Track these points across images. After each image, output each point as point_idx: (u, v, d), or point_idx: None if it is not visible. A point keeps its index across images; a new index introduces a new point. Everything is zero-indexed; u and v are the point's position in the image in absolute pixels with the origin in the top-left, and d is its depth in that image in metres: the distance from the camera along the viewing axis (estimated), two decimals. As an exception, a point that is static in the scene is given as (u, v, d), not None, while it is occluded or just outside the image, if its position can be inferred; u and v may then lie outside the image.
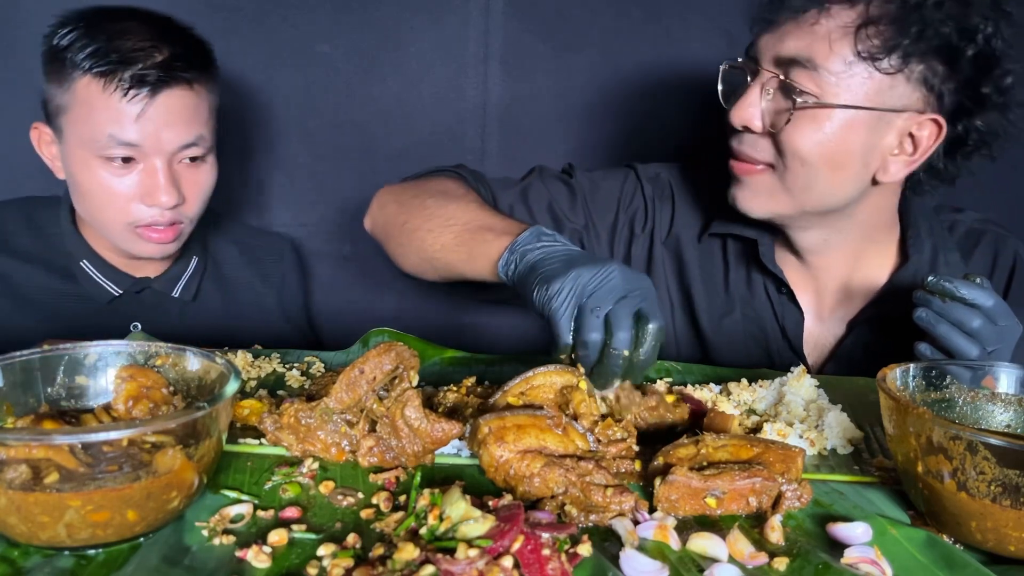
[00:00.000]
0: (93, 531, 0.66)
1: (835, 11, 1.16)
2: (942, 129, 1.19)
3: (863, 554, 0.71)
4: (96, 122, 1.31)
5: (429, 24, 1.89)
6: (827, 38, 1.15)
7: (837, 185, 1.22)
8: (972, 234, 1.38)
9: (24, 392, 0.79)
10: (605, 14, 1.92)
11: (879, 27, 1.13)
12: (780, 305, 1.40)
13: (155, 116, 1.31)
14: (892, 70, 1.14)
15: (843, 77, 1.15)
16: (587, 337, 0.91)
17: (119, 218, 1.38)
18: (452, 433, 0.83)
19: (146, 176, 1.35)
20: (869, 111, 1.16)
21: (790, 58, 1.18)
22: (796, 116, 1.17)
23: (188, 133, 1.36)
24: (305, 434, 0.86)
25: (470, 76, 1.92)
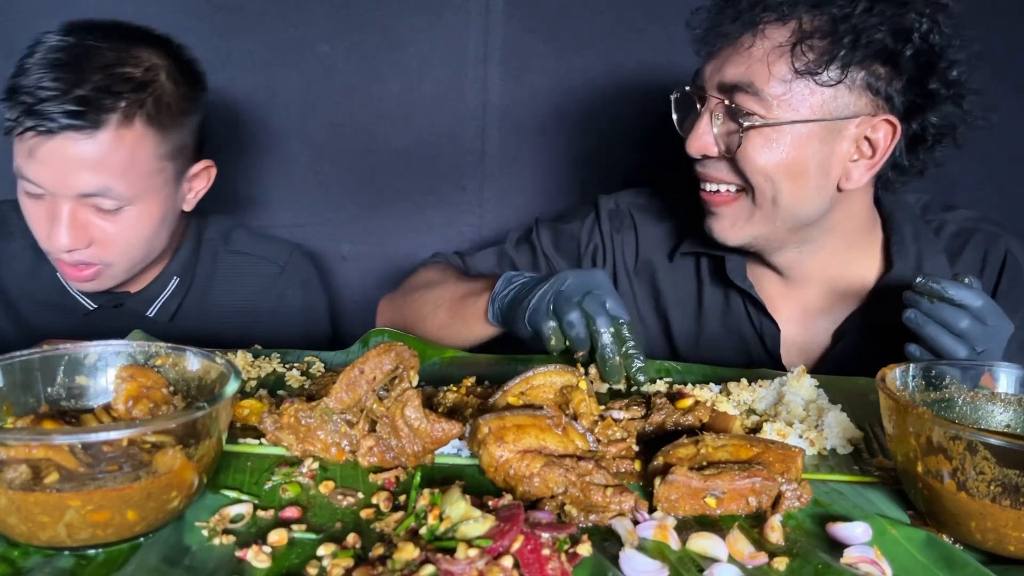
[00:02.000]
0: (93, 531, 0.66)
1: (769, 31, 1.17)
2: (897, 129, 1.19)
3: (863, 554, 0.71)
4: (15, 150, 1.28)
5: (429, 24, 1.89)
6: (764, 60, 1.17)
7: (802, 196, 1.22)
8: (961, 234, 1.36)
9: (24, 392, 0.79)
10: (605, 15, 1.93)
11: (813, 42, 1.14)
12: (757, 319, 1.39)
13: (48, 158, 1.24)
14: (832, 82, 1.15)
15: (784, 96, 1.17)
16: (570, 327, 1.06)
17: (41, 243, 1.34)
18: (452, 433, 0.83)
19: (49, 214, 1.29)
20: (818, 123, 1.17)
21: (732, 84, 1.19)
22: (746, 137, 1.18)
23: (87, 183, 1.25)
24: (305, 434, 0.86)
25: (470, 76, 1.92)
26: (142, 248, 1.38)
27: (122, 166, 1.27)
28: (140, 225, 1.34)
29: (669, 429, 0.94)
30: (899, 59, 1.14)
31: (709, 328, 1.44)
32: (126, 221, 1.32)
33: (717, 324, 1.43)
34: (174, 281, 1.52)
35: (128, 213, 1.31)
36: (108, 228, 1.31)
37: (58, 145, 1.23)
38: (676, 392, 1.06)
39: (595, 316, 1.05)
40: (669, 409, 0.96)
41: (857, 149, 1.21)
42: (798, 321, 1.39)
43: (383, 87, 1.91)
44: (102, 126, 1.24)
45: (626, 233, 1.50)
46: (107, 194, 1.27)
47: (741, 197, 1.25)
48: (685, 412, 0.96)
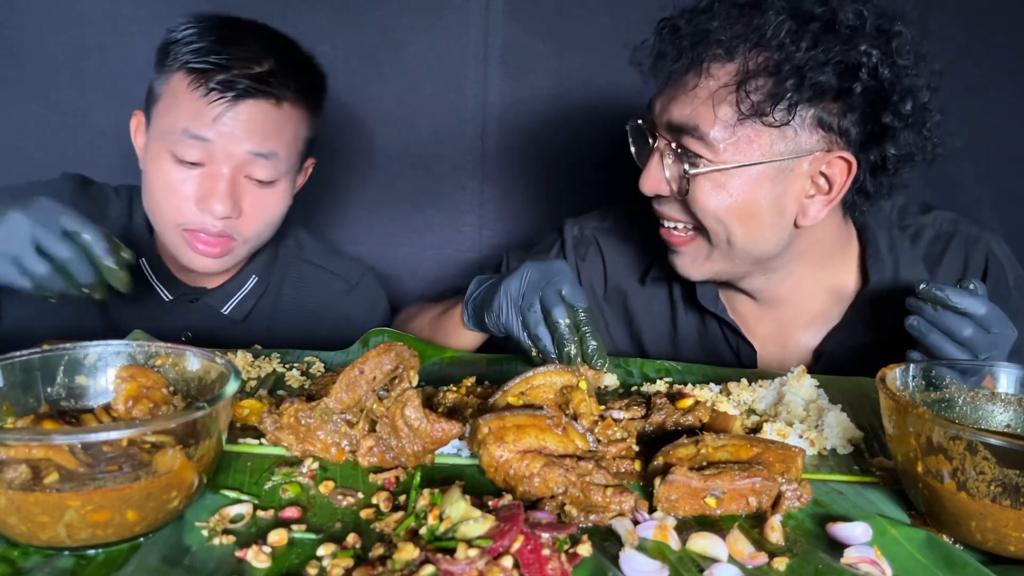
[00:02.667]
0: (93, 531, 0.66)
1: (714, 70, 1.13)
2: (852, 165, 1.14)
3: (863, 554, 0.71)
4: (176, 115, 1.31)
5: (429, 24, 1.89)
6: (709, 102, 1.12)
7: (756, 236, 1.19)
8: (940, 238, 1.32)
9: (24, 392, 0.79)
10: (605, 14, 1.92)
11: (758, 82, 1.10)
12: (734, 341, 1.37)
13: (231, 123, 1.30)
14: (779, 123, 1.11)
15: (731, 139, 1.13)
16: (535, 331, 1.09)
17: (172, 216, 1.35)
18: (452, 433, 0.83)
19: (207, 180, 1.32)
20: (768, 164, 1.13)
21: (678, 126, 1.15)
22: (694, 181, 1.15)
23: (261, 144, 1.33)
24: (305, 434, 0.86)
25: (470, 76, 1.92)
26: (272, 227, 1.44)
27: (289, 139, 1.37)
28: (279, 202, 1.41)
29: (669, 429, 0.94)
30: (849, 96, 1.10)
31: (685, 351, 1.42)
32: (272, 195, 1.39)
33: (694, 346, 1.42)
34: (252, 280, 1.54)
35: (276, 187, 1.39)
36: (257, 200, 1.37)
37: (244, 110, 1.31)
38: (676, 392, 1.06)
39: (551, 308, 1.07)
40: (669, 409, 0.96)
41: (813, 184, 1.17)
42: (776, 340, 1.36)
43: (383, 87, 1.91)
44: (284, 100, 1.34)
45: (592, 260, 1.47)
46: (272, 160, 1.35)
47: (698, 236, 1.23)
48: (685, 412, 0.96)
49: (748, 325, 1.36)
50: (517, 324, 1.12)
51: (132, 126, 1.44)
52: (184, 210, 1.34)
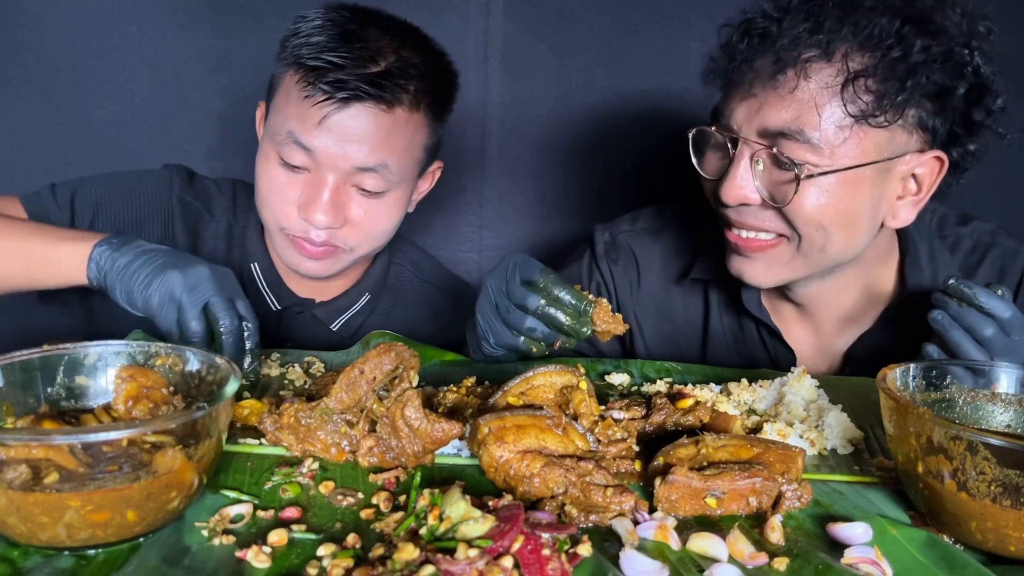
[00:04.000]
0: (93, 531, 0.66)
1: (812, 71, 1.08)
2: (944, 164, 1.14)
3: (863, 554, 0.71)
4: (285, 115, 1.24)
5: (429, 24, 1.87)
6: (812, 104, 1.08)
7: (852, 241, 1.17)
8: (977, 249, 1.32)
9: (24, 392, 0.79)
10: (605, 14, 1.92)
11: (866, 82, 1.07)
12: (772, 345, 1.37)
13: (336, 128, 1.22)
14: (887, 124, 1.09)
15: (838, 141, 1.09)
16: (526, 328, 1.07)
17: (275, 219, 1.30)
18: (452, 433, 0.83)
19: (311, 187, 1.25)
20: (871, 166, 1.11)
21: (777, 131, 1.11)
22: (801, 186, 1.10)
23: (369, 156, 1.24)
24: (305, 434, 0.86)
25: (470, 76, 1.92)
26: (382, 238, 1.36)
27: (401, 148, 1.27)
28: (391, 213, 1.33)
29: (669, 429, 0.94)
30: (952, 95, 1.09)
31: (716, 353, 1.41)
32: (382, 206, 1.31)
33: (727, 349, 1.41)
34: (365, 297, 1.48)
35: (387, 198, 1.30)
36: (364, 211, 1.29)
37: (353, 115, 1.22)
38: (676, 392, 1.06)
39: (522, 301, 1.06)
40: (669, 409, 0.96)
41: (903, 185, 1.16)
42: (811, 345, 1.36)
43: (383, 87, 1.91)
44: (397, 104, 1.24)
45: (626, 264, 1.45)
46: (381, 172, 1.26)
47: (782, 243, 1.18)
48: (685, 412, 0.96)
49: (787, 330, 1.36)
50: (510, 335, 1.09)
51: (257, 117, 1.37)
52: (288, 215, 1.28)
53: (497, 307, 1.09)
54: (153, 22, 1.84)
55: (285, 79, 1.26)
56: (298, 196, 1.26)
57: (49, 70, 1.83)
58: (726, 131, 1.17)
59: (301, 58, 1.22)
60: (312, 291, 1.44)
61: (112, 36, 1.84)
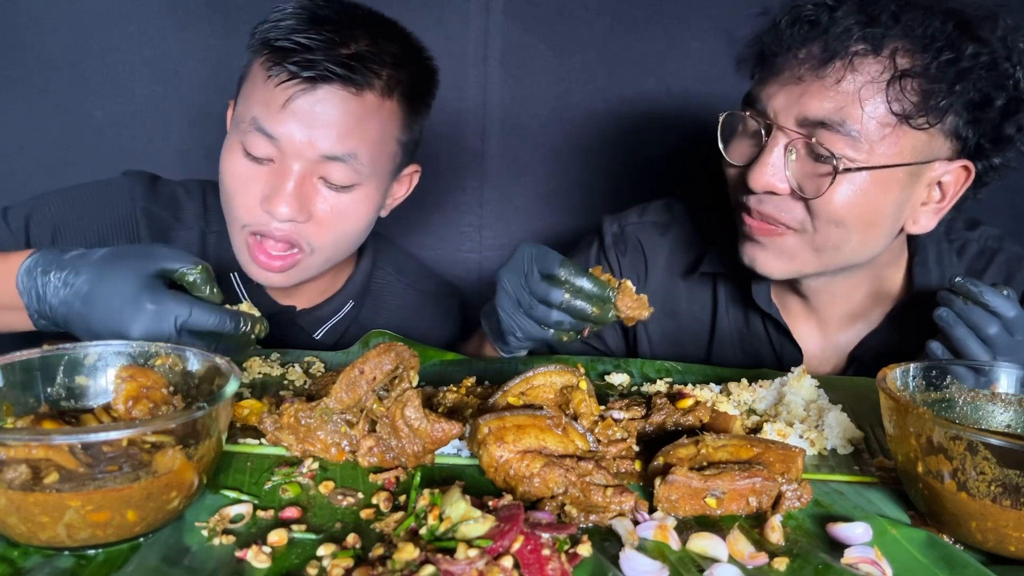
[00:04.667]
0: (93, 531, 0.66)
1: (859, 63, 1.08)
2: (970, 174, 1.14)
3: (863, 554, 0.71)
4: (250, 102, 1.18)
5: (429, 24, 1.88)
6: (856, 97, 1.07)
7: (869, 243, 1.17)
8: (984, 254, 1.32)
9: (24, 392, 0.79)
10: (605, 14, 1.92)
11: (913, 82, 1.06)
12: (778, 341, 1.37)
13: (302, 112, 1.14)
14: (928, 126, 1.08)
15: (879, 138, 1.08)
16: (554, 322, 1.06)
17: (239, 215, 1.21)
18: (452, 433, 0.83)
19: (275, 177, 1.17)
20: (905, 167, 1.11)
21: (818, 120, 1.09)
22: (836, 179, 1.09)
23: (337, 144, 1.16)
24: (305, 434, 0.86)
25: (470, 76, 1.92)
26: (348, 241, 1.28)
27: (373, 137, 1.20)
28: (360, 212, 1.24)
29: (669, 429, 0.94)
30: (991, 106, 1.09)
31: (722, 348, 1.41)
32: (350, 202, 1.22)
33: (733, 345, 1.40)
34: (349, 305, 1.42)
35: (356, 193, 1.22)
36: (330, 205, 1.20)
37: (320, 98, 1.14)
38: (676, 392, 1.06)
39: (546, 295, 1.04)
40: (669, 409, 0.96)
41: (928, 191, 1.16)
42: (817, 342, 1.36)
43: (383, 87, 1.91)
44: (368, 88, 1.17)
45: (633, 257, 1.45)
46: (349, 162, 1.18)
47: (794, 234, 1.17)
48: (685, 412, 0.96)
49: (793, 325, 1.36)
50: (538, 329, 1.09)
51: (228, 117, 1.29)
52: (250, 209, 1.19)
53: (519, 303, 1.08)
54: (153, 22, 1.84)
55: (253, 67, 1.20)
56: (261, 188, 1.18)
57: (49, 70, 1.83)
58: (761, 117, 1.15)
59: (269, 40, 1.15)
60: (293, 299, 1.38)
61: (112, 36, 1.84)
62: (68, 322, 0.97)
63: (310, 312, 1.40)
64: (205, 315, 0.95)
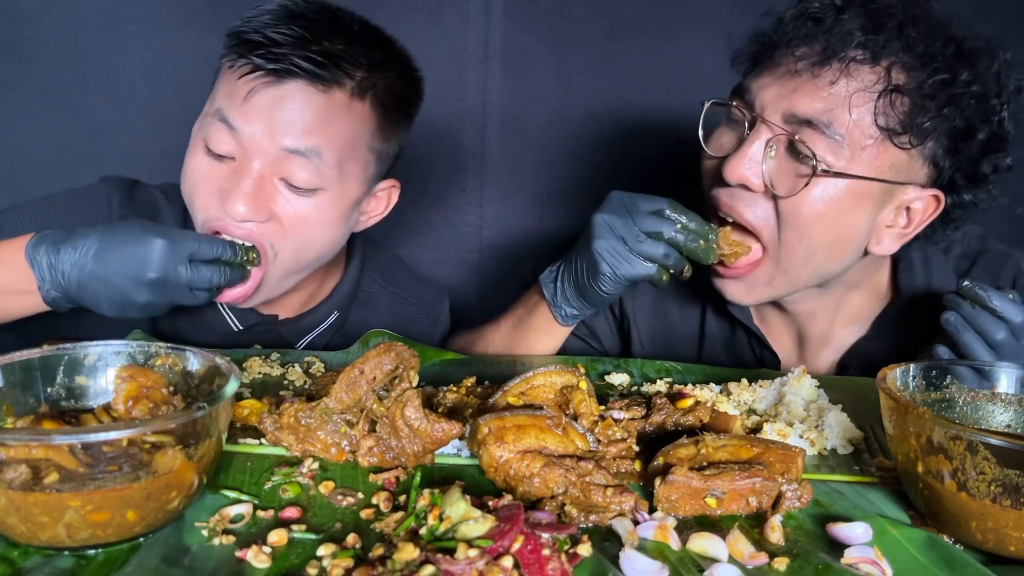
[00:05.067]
0: (93, 531, 0.66)
1: (855, 69, 1.07)
2: (940, 204, 1.13)
3: (863, 554, 0.71)
4: (216, 95, 1.16)
5: (429, 24, 1.89)
6: (847, 102, 1.07)
7: (835, 260, 1.16)
8: (968, 255, 1.30)
9: (24, 392, 0.79)
10: (605, 15, 1.93)
11: (903, 98, 1.06)
12: (759, 350, 1.36)
13: (264, 105, 1.11)
14: (909, 146, 1.07)
15: (860, 147, 1.08)
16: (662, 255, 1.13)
17: (198, 215, 1.17)
18: (452, 433, 0.83)
19: (234, 175, 1.13)
20: (881, 183, 1.10)
21: (805, 118, 1.08)
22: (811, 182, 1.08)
23: (299, 139, 1.12)
24: (305, 434, 0.86)
25: (470, 76, 1.92)
26: (313, 250, 1.21)
27: (340, 137, 1.15)
28: (323, 218, 1.18)
29: (669, 429, 0.94)
30: (972, 139, 1.08)
31: (711, 354, 1.41)
32: (313, 208, 1.16)
33: (720, 351, 1.40)
34: (334, 315, 1.39)
35: (319, 197, 1.16)
36: (292, 207, 1.15)
37: (286, 92, 1.12)
38: (676, 392, 1.06)
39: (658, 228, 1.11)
40: (669, 409, 0.96)
41: (896, 215, 1.15)
42: (799, 353, 1.35)
43: (383, 87, 1.91)
44: (337, 86, 1.14)
45: None
46: (312, 160, 1.13)
47: (762, 264, 1.16)
48: (685, 412, 0.96)
49: (775, 337, 1.35)
50: (643, 265, 1.12)
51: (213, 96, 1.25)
52: (209, 206, 1.15)
53: (624, 240, 1.12)
54: (153, 22, 1.84)
55: (222, 66, 1.17)
56: (218, 187, 1.14)
57: (48, 70, 1.83)
58: (747, 108, 1.14)
59: (240, 34, 1.14)
60: (276, 307, 1.34)
61: (112, 36, 1.84)
62: (82, 287, 1.02)
63: (293, 322, 1.36)
64: (210, 245, 1.07)
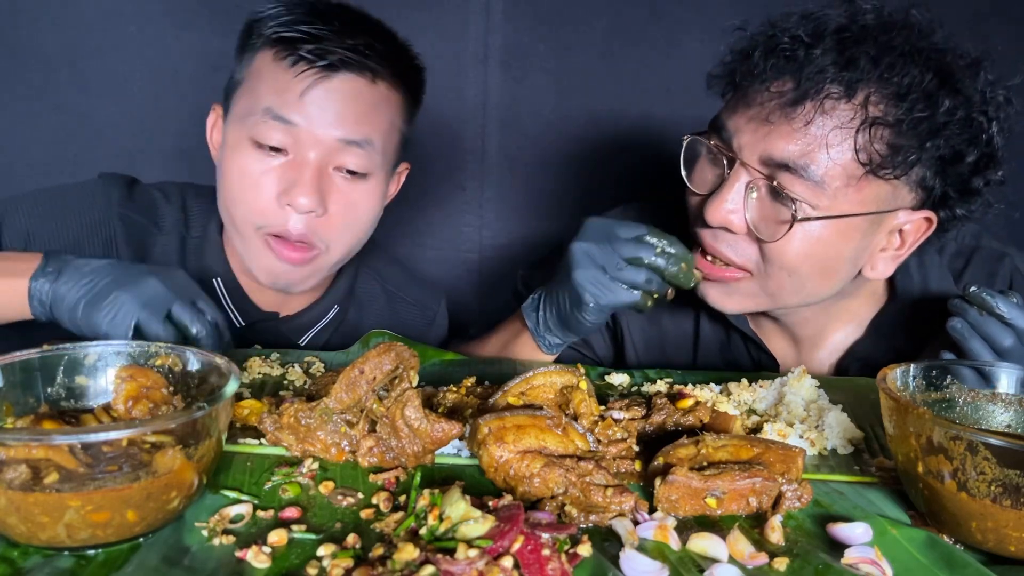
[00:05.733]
0: (93, 531, 0.66)
1: (830, 107, 1.03)
2: (932, 224, 1.12)
3: (863, 554, 0.71)
4: (259, 93, 1.16)
5: (429, 24, 1.89)
6: (824, 142, 1.04)
7: (824, 288, 1.15)
8: (962, 253, 1.29)
9: (24, 392, 0.79)
10: (605, 14, 1.93)
11: (883, 131, 1.03)
12: (756, 354, 1.34)
13: (321, 99, 1.14)
14: (894, 177, 1.05)
15: (841, 186, 1.05)
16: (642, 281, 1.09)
17: (250, 217, 1.19)
18: (452, 433, 0.83)
19: (291, 170, 1.16)
20: (867, 216, 1.08)
21: (782, 162, 1.05)
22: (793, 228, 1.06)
23: (354, 129, 1.16)
24: (305, 434, 0.86)
25: (470, 76, 1.92)
26: (359, 235, 1.27)
27: (385, 126, 1.22)
28: (371, 204, 1.25)
29: (669, 429, 0.94)
30: (961, 161, 1.06)
31: (705, 359, 1.39)
32: (363, 193, 1.22)
33: (715, 356, 1.38)
34: (334, 310, 1.40)
35: (369, 184, 1.22)
36: (344, 197, 1.20)
37: (337, 86, 1.16)
38: (676, 392, 1.06)
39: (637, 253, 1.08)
40: (669, 409, 0.96)
41: (888, 239, 1.13)
42: (796, 357, 1.34)
43: (383, 87, 1.91)
44: (379, 78, 1.19)
45: None
46: (365, 148, 1.18)
47: (748, 278, 1.14)
48: (685, 412, 0.96)
49: (769, 338, 1.34)
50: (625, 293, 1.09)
51: (209, 123, 1.28)
52: (265, 209, 1.17)
53: (604, 269, 1.09)
54: (153, 22, 1.85)
55: (255, 63, 1.19)
56: (275, 183, 1.16)
57: (48, 70, 1.83)
58: (725, 148, 1.11)
59: (276, 34, 1.15)
60: (277, 304, 1.35)
61: (112, 36, 1.84)
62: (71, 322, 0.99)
63: (294, 318, 1.37)
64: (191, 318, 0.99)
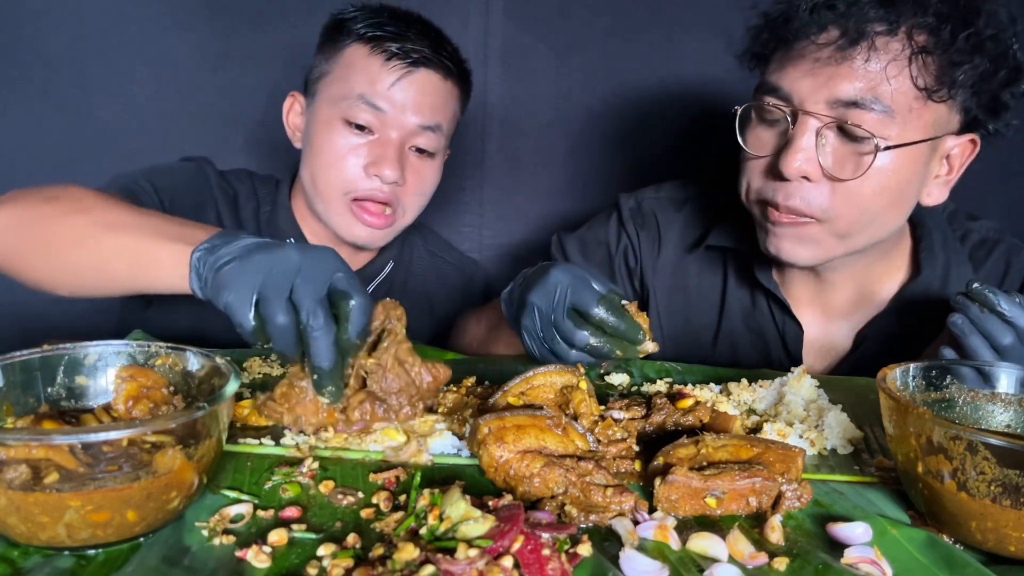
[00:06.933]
0: (93, 531, 0.66)
1: (880, 43, 1.10)
2: (976, 146, 1.18)
3: (863, 554, 0.71)
4: (352, 82, 1.38)
5: (429, 24, 1.89)
6: (884, 75, 1.10)
7: (890, 222, 1.20)
8: (985, 243, 1.35)
9: (24, 392, 0.79)
10: (605, 14, 1.93)
11: (931, 57, 1.09)
12: (781, 319, 1.38)
13: (407, 88, 1.37)
14: (947, 99, 1.12)
15: (907, 112, 1.11)
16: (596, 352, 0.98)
17: (339, 184, 1.40)
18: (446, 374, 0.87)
19: (377, 147, 1.39)
20: (929, 142, 1.14)
21: (850, 101, 1.11)
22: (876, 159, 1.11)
23: (430, 116, 1.40)
24: (297, 400, 0.86)
25: (470, 76, 1.92)
26: (424, 202, 1.50)
27: (449, 116, 1.46)
28: (435, 177, 1.49)
29: (669, 429, 0.94)
30: (994, 77, 1.12)
31: (730, 326, 1.42)
32: (431, 168, 1.47)
33: (739, 322, 1.42)
34: (390, 265, 1.58)
35: (434, 160, 1.47)
36: (416, 170, 1.44)
37: (419, 79, 1.39)
38: (676, 392, 1.06)
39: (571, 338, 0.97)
40: (669, 409, 0.96)
41: (939, 165, 1.19)
42: (821, 323, 1.38)
43: (383, 87, 1.91)
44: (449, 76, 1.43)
45: (649, 230, 1.47)
46: (436, 132, 1.43)
47: (817, 223, 1.18)
48: (685, 412, 0.96)
49: (797, 306, 1.37)
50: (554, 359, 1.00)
51: (286, 107, 1.50)
52: (352, 177, 1.39)
53: (543, 339, 1.01)
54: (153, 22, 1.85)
55: (344, 55, 1.40)
56: (363, 157, 1.39)
57: (49, 70, 1.83)
58: (785, 103, 1.16)
59: (367, 33, 1.38)
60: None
61: (112, 36, 1.84)
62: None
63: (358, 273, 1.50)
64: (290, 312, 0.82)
